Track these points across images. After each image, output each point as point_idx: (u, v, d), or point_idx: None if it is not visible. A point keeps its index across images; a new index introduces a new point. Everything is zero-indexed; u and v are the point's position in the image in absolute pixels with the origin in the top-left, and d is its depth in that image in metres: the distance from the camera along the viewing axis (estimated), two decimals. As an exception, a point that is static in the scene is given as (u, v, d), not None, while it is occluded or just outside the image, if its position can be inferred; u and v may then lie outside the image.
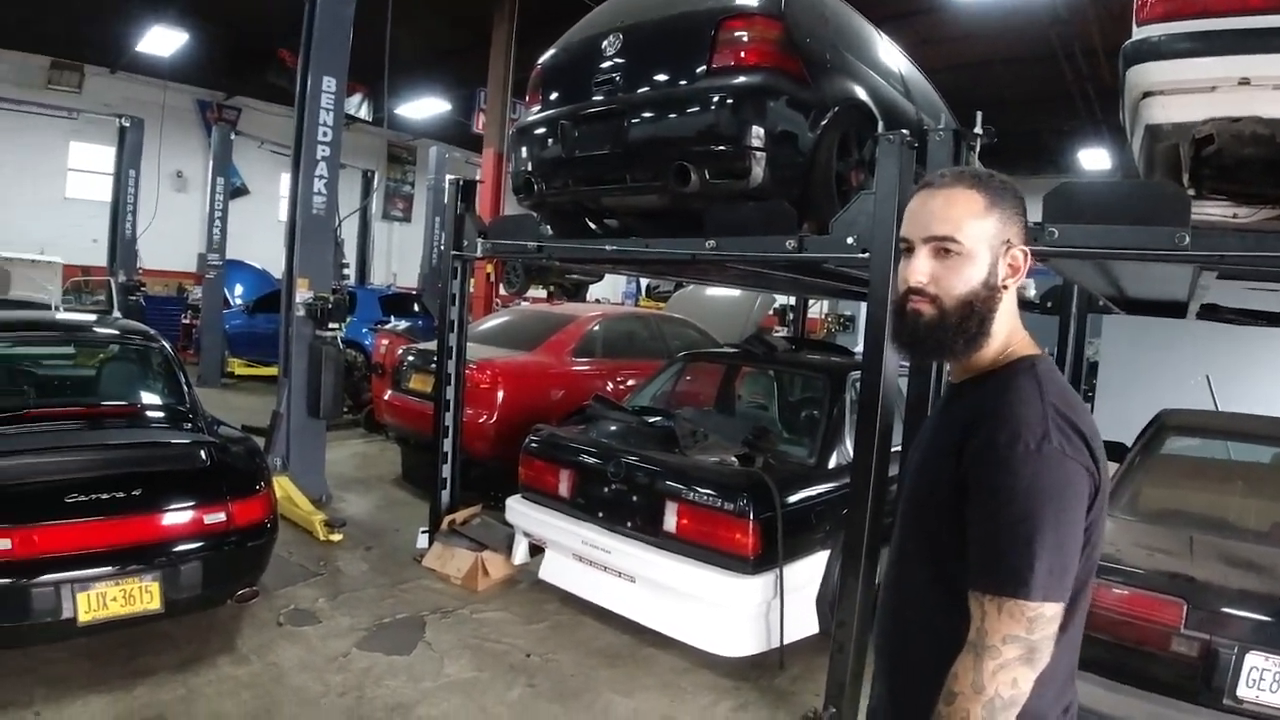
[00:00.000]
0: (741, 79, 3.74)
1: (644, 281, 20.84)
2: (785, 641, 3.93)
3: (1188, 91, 2.55)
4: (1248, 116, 2.52)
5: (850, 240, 3.42)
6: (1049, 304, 8.07)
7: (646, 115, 3.99)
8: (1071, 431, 1.28)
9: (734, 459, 4.28)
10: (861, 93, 4.28)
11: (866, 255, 3.33)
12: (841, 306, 17.97)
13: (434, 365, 5.85)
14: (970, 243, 1.36)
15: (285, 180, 12.33)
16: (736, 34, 3.81)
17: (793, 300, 10.99)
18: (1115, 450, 4.53)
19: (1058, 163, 16.29)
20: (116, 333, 4.95)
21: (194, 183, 18.83)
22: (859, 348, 7.21)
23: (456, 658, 4.01)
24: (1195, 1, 2.50)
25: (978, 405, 1.36)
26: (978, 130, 3.26)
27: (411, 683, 3.73)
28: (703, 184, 3.77)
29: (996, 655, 1.24)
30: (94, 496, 3.35)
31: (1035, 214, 3.05)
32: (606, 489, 4.37)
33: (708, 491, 3.97)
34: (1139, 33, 2.66)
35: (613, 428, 4.84)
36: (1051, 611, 1.24)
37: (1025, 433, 1.26)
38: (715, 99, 3.75)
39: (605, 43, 4.19)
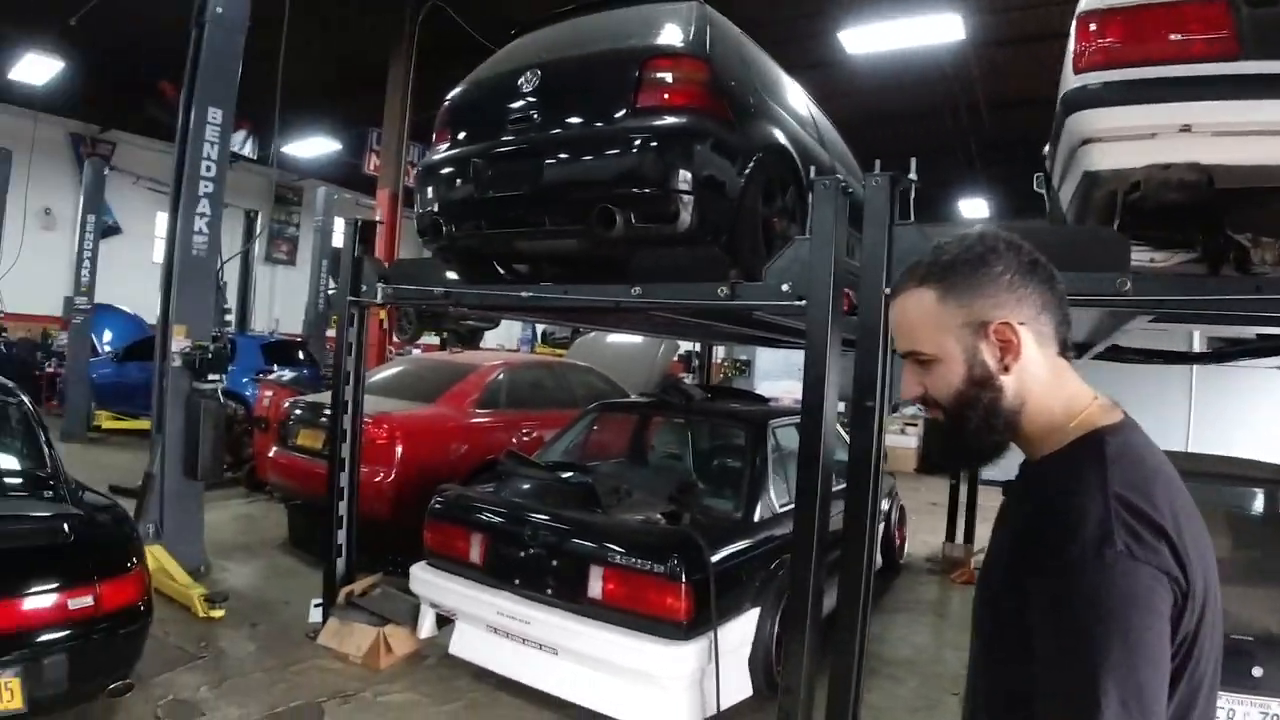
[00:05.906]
0: (669, 120, 3.58)
1: (540, 327, 20.58)
2: (721, 708, 3.71)
3: (1129, 138, 2.56)
4: (1180, 163, 2.53)
5: (785, 287, 3.31)
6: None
7: (567, 156, 3.80)
8: (1144, 527, 1.06)
9: (660, 516, 4.07)
10: (783, 138, 4.21)
11: (804, 303, 3.21)
12: (737, 351, 18.19)
13: (324, 420, 5.43)
14: (932, 347, 1.24)
15: (161, 219, 11.64)
16: (661, 74, 3.66)
17: (696, 346, 10.93)
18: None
19: (939, 214, 16.98)
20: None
21: (63, 221, 17.50)
22: (761, 388, 7.13)
23: (361, 748, 3.60)
24: (1137, 49, 2.51)
25: (1036, 495, 1.18)
26: (912, 176, 3.20)
27: (309, 782, 3.32)
28: (628, 228, 3.58)
29: None
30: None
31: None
32: (523, 554, 4.06)
33: (636, 553, 3.74)
34: (1077, 80, 2.65)
35: (526, 486, 4.54)
36: None
37: (1082, 533, 1.05)
38: (641, 140, 3.57)
39: (522, 79, 3.98)
